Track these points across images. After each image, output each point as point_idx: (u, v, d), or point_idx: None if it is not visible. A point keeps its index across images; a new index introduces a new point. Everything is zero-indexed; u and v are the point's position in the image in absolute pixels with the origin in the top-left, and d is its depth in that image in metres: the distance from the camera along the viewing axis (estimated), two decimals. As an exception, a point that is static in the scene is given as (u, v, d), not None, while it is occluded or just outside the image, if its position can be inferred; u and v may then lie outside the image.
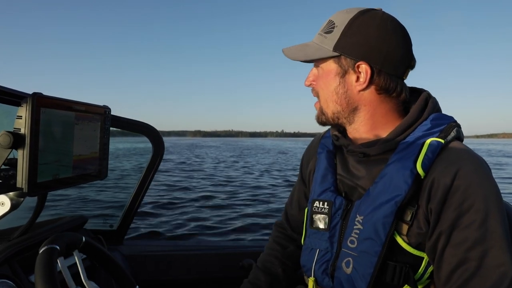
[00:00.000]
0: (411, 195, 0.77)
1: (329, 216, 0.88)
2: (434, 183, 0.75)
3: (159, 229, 4.99)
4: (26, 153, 0.79)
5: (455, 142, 0.80)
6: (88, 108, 1.02)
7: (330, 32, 0.85)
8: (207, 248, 1.76)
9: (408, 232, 0.77)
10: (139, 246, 1.77)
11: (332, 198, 0.89)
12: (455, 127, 0.81)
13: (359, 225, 0.81)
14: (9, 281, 0.94)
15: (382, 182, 0.80)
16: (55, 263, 0.71)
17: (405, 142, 0.81)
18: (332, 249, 0.86)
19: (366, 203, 0.81)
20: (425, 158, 0.76)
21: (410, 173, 0.76)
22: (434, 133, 0.80)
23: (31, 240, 1.10)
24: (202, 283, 1.71)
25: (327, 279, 0.86)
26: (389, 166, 0.80)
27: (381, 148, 0.83)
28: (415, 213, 0.77)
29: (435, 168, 0.76)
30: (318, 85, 0.90)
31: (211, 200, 7.24)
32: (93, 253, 0.90)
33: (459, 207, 0.72)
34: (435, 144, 0.77)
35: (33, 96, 0.80)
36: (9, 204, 0.90)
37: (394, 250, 0.78)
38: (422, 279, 0.79)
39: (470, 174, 0.74)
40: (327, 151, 0.98)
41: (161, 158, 1.67)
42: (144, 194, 1.70)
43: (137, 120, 1.58)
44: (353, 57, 0.82)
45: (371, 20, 0.82)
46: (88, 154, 1.04)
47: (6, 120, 0.96)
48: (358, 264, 0.80)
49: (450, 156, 0.77)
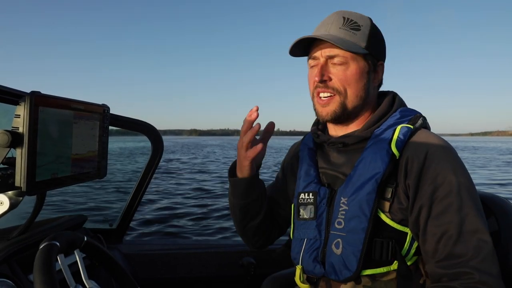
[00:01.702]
0: (389, 174, 0.84)
1: (315, 205, 0.93)
2: (409, 161, 0.83)
3: (159, 227, 4.99)
4: (25, 152, 0.79)
5: (423, 129, 0.89)
6: (87, 107, 1.02)
7: (357, 29, 0.90)
8: (207, 246, 1.76)
9: (390, 208, 0.84)
10: (138, 245, 1.77)
11: (316, 188, 0.95)
12: (421, 117, 0.91)
13: (344, 206, 0.86)
14: (8, 280, 0.94)
15: (362, 165, 0.87)
16: (54, 259, 0.71)
17: (379, 129, 0.90)
18: (320, 236, 0.90)
19: (349, 186, 0.87)
20: (398, 140, 0.85)
21: (386, 153, 0.84)
22: (403, 121, 0.89)
23: (30, 239, 1.09)
24: (202, 282, 1.71)
25: (318, 267, 0.89)
26: (366, 150, 0.88)
27: (358, 138, 0.91)
28: (394, 190, 0.84)
29: (408, 149, 0.85)
30: (342, 81, 0.90)
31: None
32: (95, 253, 0.90)
33: (434, 181, 0.80)
34: (405, 129, 0.86)
35: (31, 95, 0.80)
36: (8, 203, 0.90)
37: (379, 227, 0.83)
38: (408, 255, 0.84)
39: (439, 152, 0.82)
40: (308, 149, 1.04)
41: (160, 157, 1.67)
42: (143, 193, 1.70)
43: (136, 119, 1.58)
44: (377, 56, 0.93)
45: (376, 25, 0.94)
46: (87, 153, 1.04)
47: (4, 119, 0.96)
48: (347, 243, 0.84)
49: (420, 138, 0.86)
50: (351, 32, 0.88)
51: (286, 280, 1.25)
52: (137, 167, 1.64)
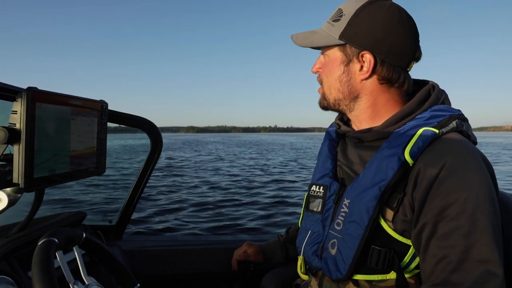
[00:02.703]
0: (398, 182, 0.77)
1: (323, 199, 0.91)
2: (421, 172, 0.75)
3: (159, 225, 5.00)
4: (22, 149, 0.79)
5: (452, 133, 0.79)
6: (85, 103, 1.01)
7: (338, 20, 0.86)
8: (206, 243, 1.76)
9: (393, 218, 0.78)
10: (138, 241, 1.76)
11: (328, 183, 0.92)
12: (457, 119, 0.80)
13: (345, 208, 0.83)
14: (8, 277, 0.94)
15: (371, 167, 0.81)
16: (52, 255, 0.71)
17: (399, 130, 0.81)
18: (324, 231, 0.89)
19: (354, 187, 0.83)
20: (415, 146, 0.76)
21: (397, 159, 0.77)
22: (430, 124, 0.79)
23: (29, 236, 1.09)
24: (202, 278, 1.71)
25: (316, 260, 0.89)
26: (379, 152, 0.82)
27: (374, 135, 0.85)
28: (401, 200, 0.77)
29: (424, 157, 0.75)
30: (323, 72, 0.92)
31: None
32: (94, 250, 0.89)
33: (445, 198, 0.71)
34: (428, 133, 0.77)
35: (28, 91, 0.79)
36: (6, 200, 0.90)
37: (379, 235, 0.79)
38: (409, 267, 0.79)
39: (458, 165, 0.72)
40: (329, 139, 1.02)
41: (159, 153, 1.66)
42: (143, 189, 1.70)
43: (135, 115, 1.57)
44: (358, 46, 0.83)
45: (378, 10, 0.83)
46: (85, 150, 1.03)
47: (1, 116, 0.95)
48: (342, 246, 0.82)
49: (442, 146, 0.76)
50: (330, 24, 0.88)
51: (286, 276, 1.25)
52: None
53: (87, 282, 0.81)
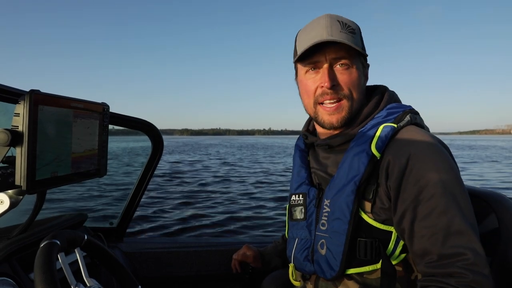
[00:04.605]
0: (370, 175, 0.84)
1: (304, 206, 0.96)
2: (390, 163, 0.82)
3: (159, 225, 5.00)
4: (24, 151, 0.79)
5: (409, 126, 0.87)
6: (86, 105, 1.02)
7: (354, 33, 0.91)
8: (207, 245, 1.76)
9: (372, 209, 0.84)
10: (139, 243, 1.76)
11: (306, 190, 0.97)
12: (409, 113, 0.88)
13: (327, 208, 0.88)
14: (9, 279, 0.94)
15: (343, 166, 0.88)
16: (55, 257, 0.71)
17: (362, 130, 0.89)
18: (310, 236, 0.93)
19: (331, 187, 0.88)
20: (379, 140, 0.84)
21: (366, 154, 0.84)
22: (388, 120, 0.88)
23: (31, 238, 1.09)
24: (202, 280, 1.71)
25: (309, 265, 0.92)
26: (348, 152, 0.88)
27: (342, 139, 0.92)
28: (375, 191, 0.83)
29: (390, 149, 0.83)
30: (350, 84, 0.90)
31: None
32: (95, 252, 0.90)
33: (417, 184, 0.78)
34: (388, 129, 0.85)
35: (31, 94, 0.80)
36: (8, 202, 0.90)
37: (362, 228, 0.84)
38: (395, 253, 0.84)
39: (423, 153, 0.80)
40: (300, 150, 1.07)
41: (160, 155, 1.67)
42: (144, 191, 1.70)
43: (136, 117, 1.57)
44: (366, 57, 0.94)
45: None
46: (86, 152, 1.04)
47: (3, 118, 0.96)
48: (330, 244, 0.86)
49: (403, 138, 0.84)
50: (351, 35, 0.89)
51: (286, 278, 1.25)
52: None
53: (89, 284, 0.81)
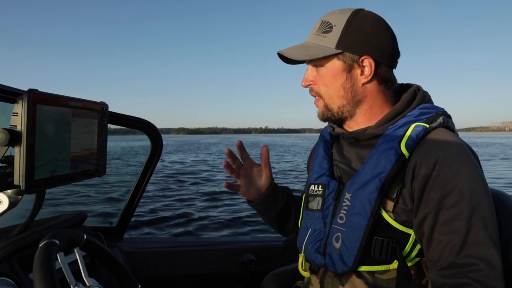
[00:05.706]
0: (396, 173, 0.82)
1: (322, 197, 0.94)
2: (417, 164, 0.80)
3: (159, 225, 5.00)
4: (23, 150, 0.79)
5: (440, 128, 0.85)
6: (85, 104, 1.01)
7: (329, 31, 0.89)
8: (207, 244, 1.76)
9: (394, 208, 0.82)
10: (138, 243, 1.76)
11: (326, 181, 0.96)
12: (442, 115, 0.87)
13: (347, 202, 0.87)
14: (9, 279, 0.94)
15: (369, 162, 0.86)
16: (54, 257, 0.71)
17: (392, 127, 0.87)
18: (325, 228, 0.92)
19: (355, 182, 0.87)
20: (409, 139, 0.82)
21: (395, 152, 0.82)
22: (420, 120, 0.85)
23: (30, 237, 1.09)
24: (202, 279, 1.71)
25: (319, 257, 0.91)
26: (376, 148, 0.87)
27: (370, 134, 0.90)
28: (400, 191, 0.82)
29: (419, 150, 0.81)
30: (320, 84, 0.93)
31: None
32: (95, 251, 0.89)
33: (442, 189, 0.77)
34: (419, 128, 0.83)
35: (29, 93, 0.79)
36: (7, 202, 0.90)
37: (381, 226, 0.83)
38: (410, 256, 0.83)
39: (452, 158, 0.78)
40: (324, 141, 1.06)
41: (160, 154, 1.67)
42: (143, 191, 1.70)
43: (135, 117, 1.57)
44: (357, 52, 0.88)
45: (365, 18, 0.89)
46: (85, 151, 1.03)
47: (2, 118, 0.96)
48: (346, 239, 0.85)
49: (434, 140, 0.82)
50: (321, 36, 0.90)
51: (287, 276, 1.25)
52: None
53: (88, 284, 0.81)
